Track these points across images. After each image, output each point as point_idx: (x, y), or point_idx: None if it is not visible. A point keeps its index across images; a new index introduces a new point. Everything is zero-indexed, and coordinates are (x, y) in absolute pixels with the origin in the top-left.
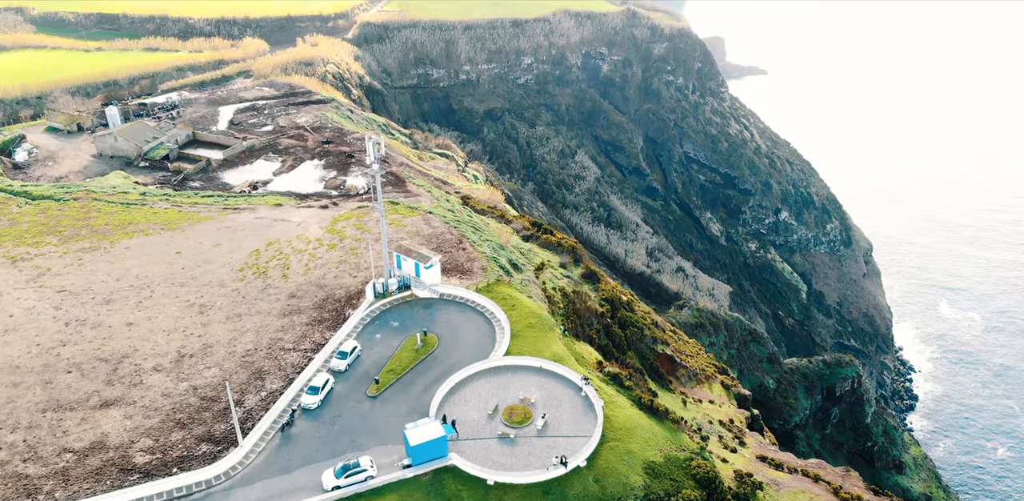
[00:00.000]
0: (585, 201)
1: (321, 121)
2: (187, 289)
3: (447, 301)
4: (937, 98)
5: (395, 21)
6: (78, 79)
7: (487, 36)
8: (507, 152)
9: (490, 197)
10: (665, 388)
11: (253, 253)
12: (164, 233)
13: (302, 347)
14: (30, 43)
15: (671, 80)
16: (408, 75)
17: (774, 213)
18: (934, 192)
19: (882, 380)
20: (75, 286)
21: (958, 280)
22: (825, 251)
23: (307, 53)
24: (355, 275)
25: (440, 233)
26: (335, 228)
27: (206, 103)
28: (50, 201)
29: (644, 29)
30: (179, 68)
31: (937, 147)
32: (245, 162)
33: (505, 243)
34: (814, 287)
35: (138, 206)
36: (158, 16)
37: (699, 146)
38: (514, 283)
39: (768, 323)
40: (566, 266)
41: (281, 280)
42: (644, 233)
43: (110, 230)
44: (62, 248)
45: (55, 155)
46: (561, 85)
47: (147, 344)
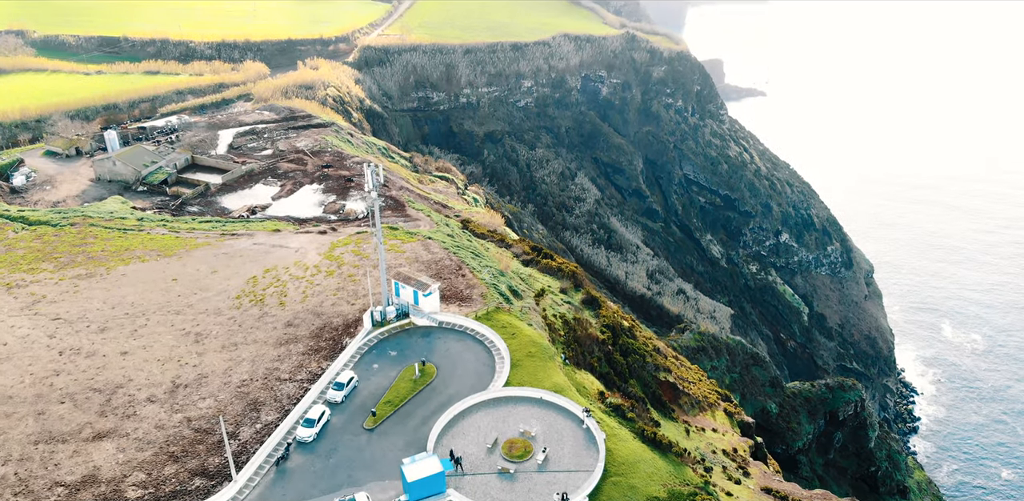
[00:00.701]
0: (585, 223)
1: (321, 145)
2: (183, 317)
3: (446, 329)
4: (933, 120)
5: (396, 45)
6: (78, 102)
7: (487, 60)
8: (507, 174)
9: (490, 220)
10: (668, 417)
11: (250, 280)
12: (161, 260)
13: (298, 377)
14: (30, 66)
15: (670, 103)
16: (408, 98)
17: (775, 235)
18: (933, 214)
19: (885, 403)
20: (70, 314)
21: (960, 301)
22: (826, 273)
23: (308, 76)
24: (353, 303)
25: (439, 259)
26: (333, 254)
27: (206, 127)
28: (47, 226)
29: (643, 52)
30: (179, 91)
31: (934, 168)
32: (244, 186)
33: (505, 269)
34: (815, 309)
35: (135, 232)
36: (159, 39)
37: (699, 168)
38: (514, 310)
39: (770, 346)
40: (567, 291)
41: (278, 308)
42: (644, 255)
43: (106, 256)
44: (58, 275)
45: (53, 179)
46: (561, 108)
47: (141, 374)
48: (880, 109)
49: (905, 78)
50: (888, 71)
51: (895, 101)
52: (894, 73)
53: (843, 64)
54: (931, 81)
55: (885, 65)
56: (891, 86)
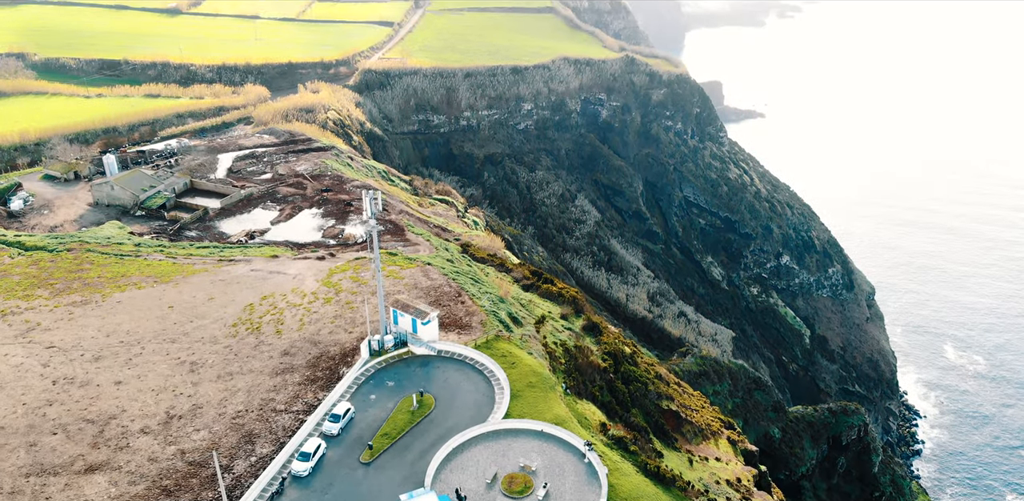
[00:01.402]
0: (586, 245)
1: (321, 169)
2: (178, 346)
3: (445, 358)
4: (931, 141)
5: (396, 68)
6: (77, 126)
7: (487, 83)
8: (507, 196)
9: (490, 244)
10: (670, 446)
11: (247, 308)
12: (157, 286)
13: (294, 408)
14: (31, 89)
15: (670, 125)
16: (409, 121)
17: (775, 257)
18: (932, 236)
19: (888, 426)
20: (64, 342)
21: (961, 323)
22: (827, 295)
23: (308, 100)
24: (350, 331)
25: (438, 285)
26: (331, 281)
27: (205, 150)
28: (43, 252)
29: (642, 75)
30: (179, 115)
31: (932, 190)
32: (243, 211)
33: (505, 295)
34: (817, 332)
35: (132, 258)
36: (160, 62)
37: (699, 190)
38: (514, 339)
39: (772, 369)
40: (567, 317)
41: (274, 336)
42: (645, 277)
43: (102, 283)
44: (53, 302)
45: (51, 203)
46: (561, 130)
47: (135, 404)
48: (877, 129)
49: (902, 99)
50: (886, 91)
51: (892, 121)
52: (892, 93)
53: (841, 85)
54: (928, 102)
55: (883, 85)
56: (888, 107)
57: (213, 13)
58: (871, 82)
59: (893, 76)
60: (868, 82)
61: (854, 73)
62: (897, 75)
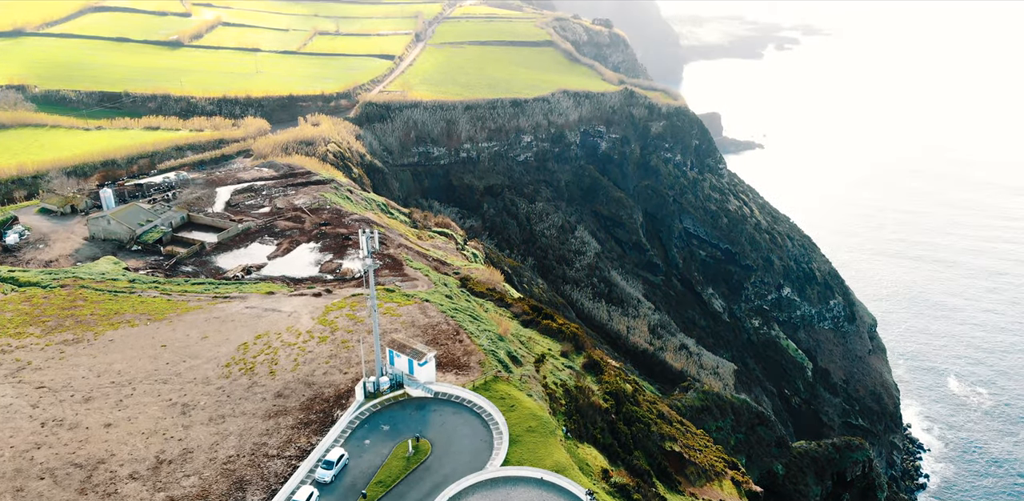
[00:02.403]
0: (586, 277)
1: (319, 202)
2: (170, 387)
3: (442, 401)
4: (930, 174)
5: (397, 101)
6: (76, 158)
7: (487, 115)
8: (507, 228)
9: (489, 277)
10: (674, 490)
11: (241, 347)
12: (150, 324)
13: (287, 453)
14: (30, 121)
15: (669, 157)
16: (409, 153)
17: (776, 289)
18: (932, 268)
19: (892, 460)
20: (55, 382)
21: (964, 355)
22: (829, 327)
23: (308, 132)
24: (345, 371)
25: (436, 323)
26: (327, 319)
27: (204, 184)
28: (37, 288)
29: (641, 108)
30: (179, 147)
31: (933, 223)
32: (240, 245)
33: (504, 333)
34: (819, 364)
35: (126, 294)
36: (160, 95)
37: (699, 222)
38: (513, 379)
39: (774, 402)
40: (568, 355)
41: (268, 377)
42: (646, 309)
43: (95, 320)
44: (44, 340)
45: (47, 237)
46: (560, 162)
47: (125, 448)
48: (875, 161)
49: (900, 130)
50: (883, 122)
51: (890, 153)
52: (889, 125)
53: (839, 116)
54: (925, 134)
55: (880, 116)
56: (886, 138)
57: (215, 46)
58: (869, 113)
59: (890, 108)
60: (866, 113)
61: (852, 104)
62: (894, 107)
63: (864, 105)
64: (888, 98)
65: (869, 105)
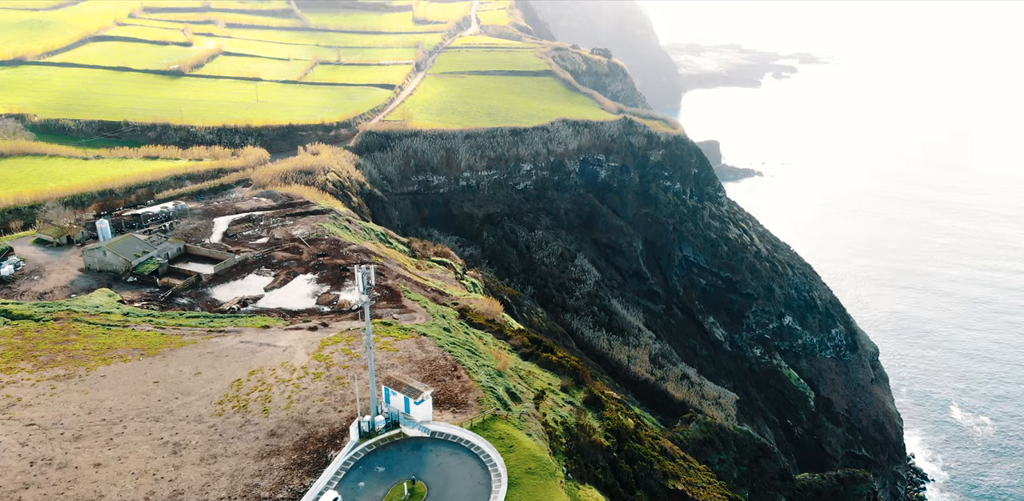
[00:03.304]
0: (586, 305)
1: (318, 232)
2: (161, 425)
3: (439, 441)
4: (928, 203)
5: (397, 130)
6: (74, 188)
7: (487, 144)
8: (506, 256)
9: (488, 308)
10: None
11: (234, 383)
12: (143, 359)
13: (279, 496)
14: (29, 150)
15: (668, 185)
16: (409, 182)
17: (778, 317)
18: (932, 297)
19: (896, 491)
20: (45, 419)
21: (966, 383)
22: (830, 356)
23: (308, 162)
24: (340, 410)
25: (434, 358)
26: (322, 354)
27: (201, 214)
28: (30, 321)
29: (641, 137)
30: (177, 177)
31: (932, 252)
32: (237, 277)
33: (503, 367)
34: (822, 394)
35: (119, 328)
36: (160, 124)
37: (699, 250)
38: (512, 418)
39: (777, 432)
40: (568, 389)
41: (261, 415)
42: (647, 338)
43: (87, 355)
44: (35, 375)
45: (42, 268)
46: (560, 190)
47: (114, 489)
48: (874, 188)
49: (898, 159)
50: (881, 150)
51: (889, 181)
52: (887, 152)
53: (838, 143)
54: (922, 163)
55: (878, 144)
56: (884, 166)
57: (215, 75)
58: (866, 140)
59: (888, 135)
60: (863, 140)
61: (850, 131)
62: (892, 134)
63: (862, 132)
64: (886, 126)
65: (867, 132)
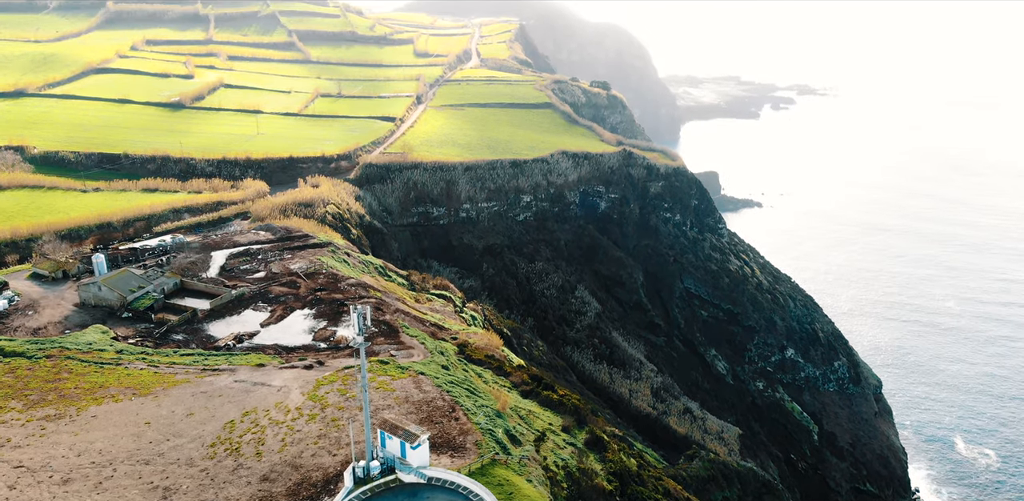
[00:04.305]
0: (586, 337)
1: (316, 266)
2: (152, 468)
3: (436, 487)
4: (929, 234)
5: (397, 162)
6: (71, 221)
7: (487, 176)
8: (507, 288)
9: (488, 342)
10: None
11: (227, 425)
12: (135, 399)
13: None
14: (27, 183)
15: (669, 217)
16: (409, 213)
17: (780, 350)
18: (933, 330)
19: None
20: (33, 461)
21: (970, 415)
22: (833, 389)
23: (307, 194)
24: (335, 453)
25: (431, 399)
26: (317, 394)
27: (199, 247)
28: (22, 359)
29: (640, 168)
30: (176, 210)
31: (934, 286)
32: (233, 312)
33: (502, 408)
34: (825, 428)
35: (112, 366)
36: (159, 156)
37: (700, 282)
38: (512, 462)
39: (780, 467)
40: (569, 430)
41: (254, 459)
42: (648, 372)
43: (79, 395)
44: (26, 415)
45: (36, 303)
46: (560, 222)
47: None
48: (872, 220)
49: (898, 190)
50: (881, 181)
51: (889, 213)
52: (887, 183)
53: (835, 173)
54: (922, 193)
55: (878, 175)
56: (885, 198)
57: (216, 107)
58: (864, 171)
59: (886, 166)
60: (862, 171)
61: (848, 162)
62: (890, 165)
63: (860, 164)
64: (884, 157)
65: (865, 164)
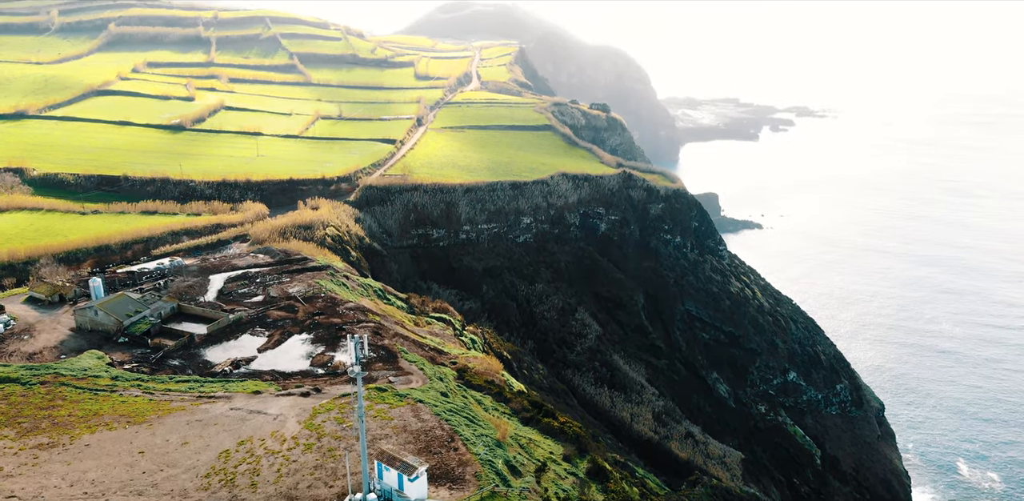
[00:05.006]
0: (587, 360)
1: (314, 290)
2: (145, 499)
3: None
4: (930, 258)
5: (397, 184)
6: (69, 244)
7: (487, 198)
8: (507, 310)
9: (488, 367)
10: None
11: (222, 455)
12: (129, 428)
13: None
14: (26, 205)
15: (669, 239)
16: (409, 235)
17: (782, 373)
18: (934, 356)
19: None
20: (25, 492)
21: (973, 438)
22: (836, 412)
23: (307, 216)
24: (331, 485)
25: (430, 428)
26: (314, 423)
27: (197, 271)
28: (16, 385)
29: (640, 190)
30: (175, 232)
31: (934, 310)
32: (230, 337)
33: (502, 437)
34: (828, 452)
35: (107, 393)
36: (159, 178)
37: (701, 304)
38: (512, 495)
39: (783, 492)
40: (570, 459)
41: (249, 490)
42: (650, 395)
43: (73, 422)
44: (18, 443)
45: (32, 328)
46: (560, 243)
47: None
48: (873, 244)
49: (900, 215)
50: (879, 202)
51: (887, 234)
52: (886, 205)
53: (835, 194)
54: (924, 219)
55: (876, 196)
56: (882, 219)
57: (216, 129)
58: (864, 193)
59: (886, 188)
60: (861, 192)
61: (847, 183)
62: (890, 187)
63: (859, 186)
64: (882, 179)
65: (863, 186)
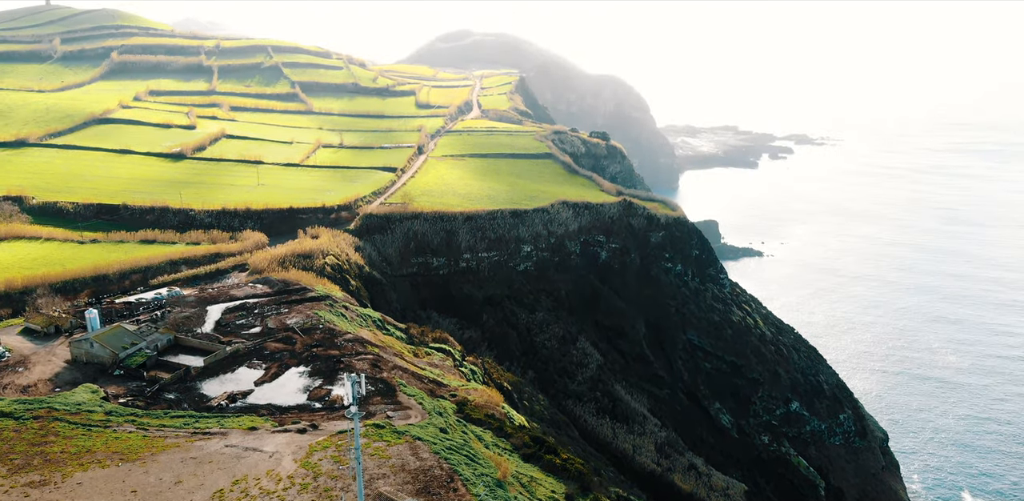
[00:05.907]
0: (588, 390)
1: (312, 321)
2: None
3: None
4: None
5: (397, 212)
6: (67, 274)
7: (487, 226)
8: (507, 339)
9: (488, 399)
10: None
11: (216, 494)
12: (122, 465)
13: None
14: (24, 234)
15: (670, 267)
16: (408, 264)
17: (784, 403)
18: (938, 381)
19: None
20: None
21: (976, 467)
22: (839, 443)
23: (307, 245)
24: None
25: (428, 467)
26: (310, 461)
27: (195, 301)
28: (9, 420)
29: (640, 218)
30: (173, 261)
31: (932, 339)
32: (227, 370)
33: (503, 476)
34: (832, 483)
35: (100, 429)
36: (158, 207)
37: (703, 333)
38: None
39: None
40: (573, 498)
41: None
42: (652, 426)
43: (65, 459)
44: (9, 481)
45: (27, 360)
46: (561, 271)
47: None
48: (873, 273)
49: (901, 241)
50: (880, 230)
51: (888, 263)
52: (886, 232)
53: (834, 221)
54: (925, 244)
55: (876, 224)
56: (883, 248)
57: (217, 158)
58: (862, 222)
59: (884, 217)
60: (859, 222)
61: (846, 212)
62: (888, 217)
63: (858, 212)
64: (881, 206)
65: (863, 212)
